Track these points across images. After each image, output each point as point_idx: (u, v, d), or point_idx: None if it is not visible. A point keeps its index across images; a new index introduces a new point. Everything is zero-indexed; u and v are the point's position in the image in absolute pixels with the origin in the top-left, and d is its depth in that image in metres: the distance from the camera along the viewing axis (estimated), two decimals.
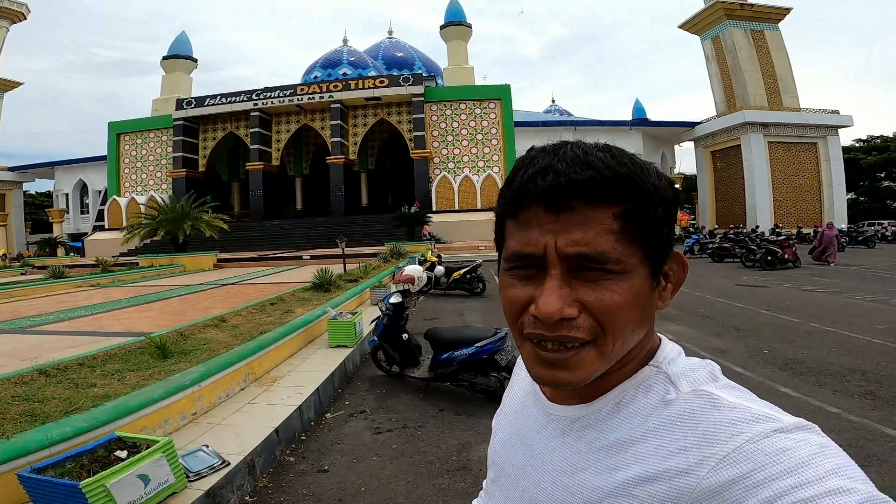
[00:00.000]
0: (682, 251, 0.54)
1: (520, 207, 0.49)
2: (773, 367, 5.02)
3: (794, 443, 0.41)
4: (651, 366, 0.53)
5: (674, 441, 0.46)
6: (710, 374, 0.51)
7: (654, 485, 0.45)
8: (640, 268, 0.48)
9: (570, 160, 0.47)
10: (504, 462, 0.63)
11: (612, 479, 0.48)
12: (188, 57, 40.95)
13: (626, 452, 0.49)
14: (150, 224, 23.06)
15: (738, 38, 38.21)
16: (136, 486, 2.10)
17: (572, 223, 0.46)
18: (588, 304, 0.47)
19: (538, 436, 0.58)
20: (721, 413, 0.46)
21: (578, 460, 0.52)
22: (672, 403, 0.49)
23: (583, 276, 0.47)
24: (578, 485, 0.51)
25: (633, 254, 0.47)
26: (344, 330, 5.85)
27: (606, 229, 0.46)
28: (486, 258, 14.26)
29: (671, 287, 0.53)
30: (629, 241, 0.47)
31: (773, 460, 0.40)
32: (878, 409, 3.85)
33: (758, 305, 8.60)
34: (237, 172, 40.59)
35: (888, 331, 6.35)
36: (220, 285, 12.70)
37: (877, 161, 41.80)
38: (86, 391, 3.32)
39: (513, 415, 0.65)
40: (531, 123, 41.01)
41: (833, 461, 0.40)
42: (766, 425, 0.43)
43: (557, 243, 0.46)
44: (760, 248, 15.83)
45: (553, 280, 0.47)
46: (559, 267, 0.47)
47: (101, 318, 7.83)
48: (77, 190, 44.89)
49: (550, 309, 0.46)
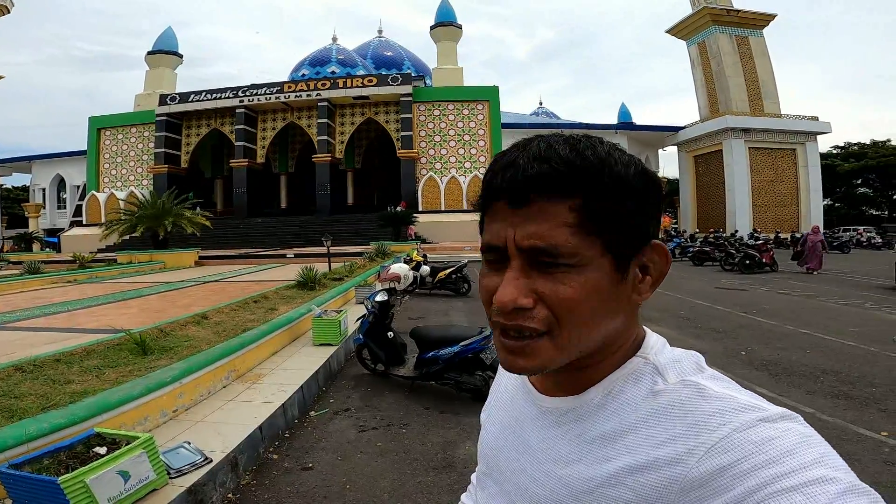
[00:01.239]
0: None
1: (489, 202, 0.51)
2: (751, 368, 5.13)
3: (779, 432, 0.42)
4: (639, 357, 0.54)
5: (663, 431, 0.47)
6: (695, 365, 0.52)
7: (644, 474, 0.46)
8: (600, 259, 0.48)
9: (532, 155, 0.48)
10: (497, 455, 0.63)
11: (604, 470, 0.49)
12: (173, 52, 40.21)
13: (617, 443, 0.49)
14: (129, 220, 22.61)
15: (723, 43, 38.86)
16: (116, 482, 2.07)
17: (530, 217, 0.47)
18: (544, 296, 0.48)
19: (530, 428, 0.59)
20: (708, 403, 0.46)
21: (571, 451, 0.53)
22: (660, 394, 0.49)
23: (540, 268, 0.48)
24: (571, 476, 0.51)
25: (589, 246, 0.47)
26: (329, 328, 5.82)
27: (562, 222, 0.47)
28: (472, 259, 14.29)
29: (651, 279, 0.52)
30: (585, 233, 0.47)
31: (759, 449, 0.41)
32: (851, 409, 3.96)
33: (736, 308, 8.78)
34: (221, 169, 40.00)
35: (860, 333, 6.54)
36: (201, 283, 12.52)
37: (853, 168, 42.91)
38: (63, 387, 3.26)
39: (502, 408, 0.66)
40: (518, 125, 41.21)
41: (816, 450, 0.41)
42: (752, 415, 0.44)
43: (515, 236, 0.48)
44: (739, 252, 16.14)
45: (511, 271, 0.49)
46: (518, 259, 0.48)
47: (79, 314, 7.66)
48: (54, 185, 43.81)
49: (505, 298, 0.48)
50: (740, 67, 38.86)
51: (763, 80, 39.22)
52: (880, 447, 3.20)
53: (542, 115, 56.50)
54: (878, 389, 4.36)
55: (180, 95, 35.71)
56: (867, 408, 3.97)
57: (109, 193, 34.43)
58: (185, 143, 36.52)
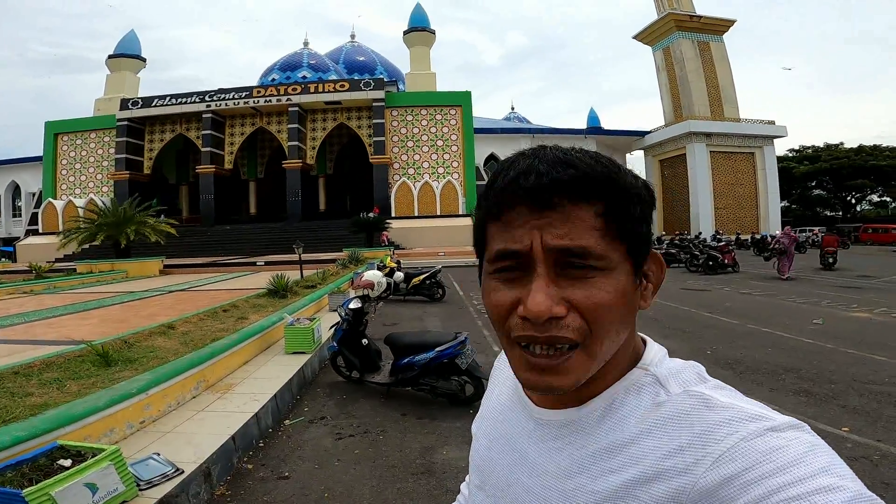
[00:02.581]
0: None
1: (503, 209, 0.49)
2: (717, 367, 5.28)
3: (787, 441, 0.42)
4: (639, 368, 0.53)
5: (669, 441, 0.47)
6: (697, 375, 0.52)
7: (652, 486, 0.46)
8: (624, 265, 0.49)
9: (552, 161, 0.48)
10: (491, 468, 0.62)
11: (611, 482, 0.48)
12: (136, 56, 39.00)
13: (622, 454, 0.49)
14: (89, 228, 21.78)
15: (686, 48, 40.29)
16: (84, 494, 2.00)
17: (557, 219, 0.47)
18: (576, 302, 0.47)
19: (527, 441, 0.58)
20: (715, 413, 0.46)
21: (572, 464, 0.52)
22: (664, 405, 0.49)
23: (569, 273, 0.47)
24: (575, 489, 0.51)
25: (615, 250, 0.48)
26: (301, 336, 5.73)
27: (589, 226, 0.47)
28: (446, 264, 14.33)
29: (651, 287, 0.53)
30: (611, 237, 0.47)
31: (767, 458, 0.41)
32: (813, 405, 4.11)
33: (701, 308, 9.07)
34: (186, 175, 38.94)
35: (819, 331, 6.84)
36: (167, 292, 12.14)
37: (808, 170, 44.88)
38: (23, 400, 3.12)
39: (496, 420, 0.65)
40: (491, 130, 41.67)
41: (824, 459, 0.41)
42: (760, 424, 0.44)
43: (543, 238, 0.47)
44: (703, 253, 16.68)
45: (540, 279, 0.47)
46: (545, 264, 0.47)
47: (37, 325, 7.33)
48: (9, 192, 41.87)
49: (540, 308, 0.46)
50: (702, 72, 40.38)
51: (723, 85, 40.84)
52: (843, 443, 3.33)
53: (514, 119, 57.20)
54: (837, 386, 4.53)
55: (143, 100, 34.68)
56: (828, 404, 4.10)
57: (67, 201, 33.04)
58: (149, 148, 35.43)
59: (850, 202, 48.03)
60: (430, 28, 38.15)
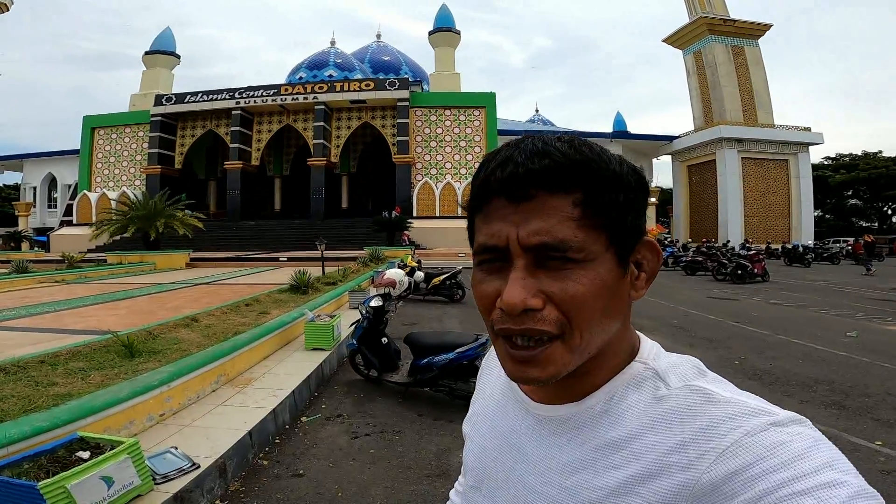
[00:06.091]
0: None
1: (484, 200, 0.49)
2: (744, 377, 5.12)
3: (790, 436, 0.42)
4: (638, 362, 0.53)
5: (672, 436, 0.46)
6: (696, 369, 0.51)
7: (656, 481, 0.45)
8: (605, 254, 0.47)
9: (529, 152, 0.47)
10: (487, 467, 0.61)
11: (614, 478, 0.48)
12: (171, 53, 40.11)
13: (624, 450, 0.48)
14: (120, 220, 22.41)
15: (718, 53, 39.24)
16: (99, 487, 2.00)
17: (533, 212, 0.46)
18: (553, 295, 0.46)
19: (526, 437, 0.57)
20: (717, 408, 0.46)
21: (574, 460, 0.51)
22: (665, 399, 0.49)
23: (547, 265, 0.46)
24: (577, 485, 0.50)
25: (595, 241, 0.47)
26: (321, 333, 5.75)
27: (566, 217, 0.46)
28: (466, 265, 14.27)
29: (645, 276, 0.52)
30: (590, 227, 0.46)
31: (771, 453, 0.41)
32: (845, 418, 3.97)
33: (728, 317, 8.80)
34: (214, 171, 39.79)
35: (851, 344, 6.57)
36: (192, 285, 12.39)
37: (844, 179, 43.40)
38: (46, 389, 3.17)
39: (490, 418, 0.64)
40: (515, 132, 41.41)
41: (826, 454, 0.41)
42: (763, 419, 0.44)
43: (519, 234, 0.46)
44: (731, 262, 16.25)
45: (517, 271, 0.47)
46: (522, 258, 0.46)
47: (65, 315, 7.54)
48: (46, 184, 43.39)
49: (514, 300, 0.46)
50: (735, 77, 39.29)
51: (757, 90, 39.67)
52: (875, 456, 3.22)
53: (539, 122, 56.76)
54: (872, 399, 4.38)
55: (176, 96, 35.60)
56: (861, 417, 3.98)
57: (101, 193, 34.15)
58: (180, 144, 36.34)
59: (887, 213, 46.21)
60: (456, 29, 38.16)
